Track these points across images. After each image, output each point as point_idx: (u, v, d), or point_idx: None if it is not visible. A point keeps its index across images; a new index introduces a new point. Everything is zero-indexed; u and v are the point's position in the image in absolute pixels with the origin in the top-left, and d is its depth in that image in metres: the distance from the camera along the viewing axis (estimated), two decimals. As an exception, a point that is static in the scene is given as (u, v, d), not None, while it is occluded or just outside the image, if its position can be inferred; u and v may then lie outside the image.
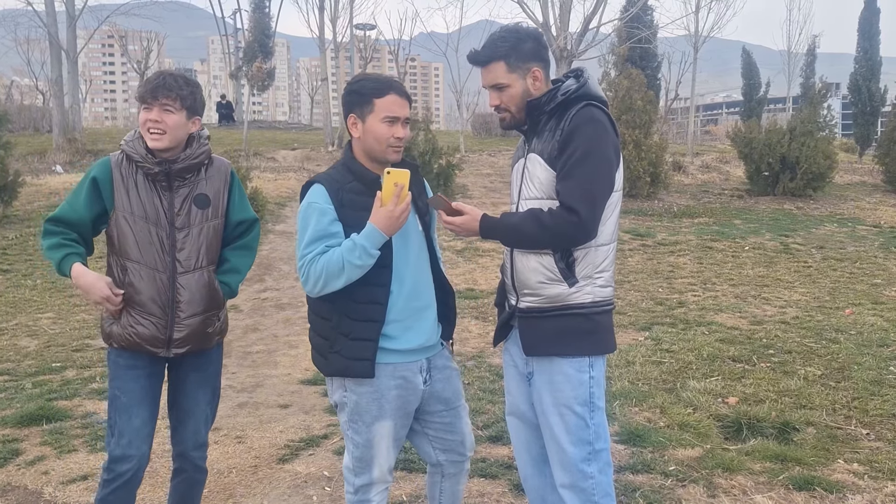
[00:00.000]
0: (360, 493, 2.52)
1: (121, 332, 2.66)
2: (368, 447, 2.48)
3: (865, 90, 25.17)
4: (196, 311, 2.70)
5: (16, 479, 3.84)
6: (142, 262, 2.65)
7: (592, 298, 2.43)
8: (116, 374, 2.71)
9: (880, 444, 4.12)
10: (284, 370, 5.86)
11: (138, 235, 2.66)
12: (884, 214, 15.14)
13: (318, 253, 2.35)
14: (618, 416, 4.46)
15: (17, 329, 7.36)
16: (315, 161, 20.50)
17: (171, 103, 2.62)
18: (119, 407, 2.69)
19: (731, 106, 64.91)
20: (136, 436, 2.69)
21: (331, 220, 2.38)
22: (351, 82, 2.50)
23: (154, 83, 2.63)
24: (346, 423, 2.51)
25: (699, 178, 19.10)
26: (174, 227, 2.69)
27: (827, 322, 6.97)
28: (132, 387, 2.70)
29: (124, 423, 2.68)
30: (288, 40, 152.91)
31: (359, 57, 41.90)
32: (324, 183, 2.42)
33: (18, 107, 27.43)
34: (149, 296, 2.65)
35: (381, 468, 2.51)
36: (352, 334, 2.41)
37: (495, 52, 2.45)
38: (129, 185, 2.67)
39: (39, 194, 14.81)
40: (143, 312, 2.65)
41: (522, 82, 2.46)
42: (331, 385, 2.55)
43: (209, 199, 2.77)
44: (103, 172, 2.68)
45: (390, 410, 2.46)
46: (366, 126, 2.43)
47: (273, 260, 10.51)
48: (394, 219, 2.33)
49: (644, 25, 20.19)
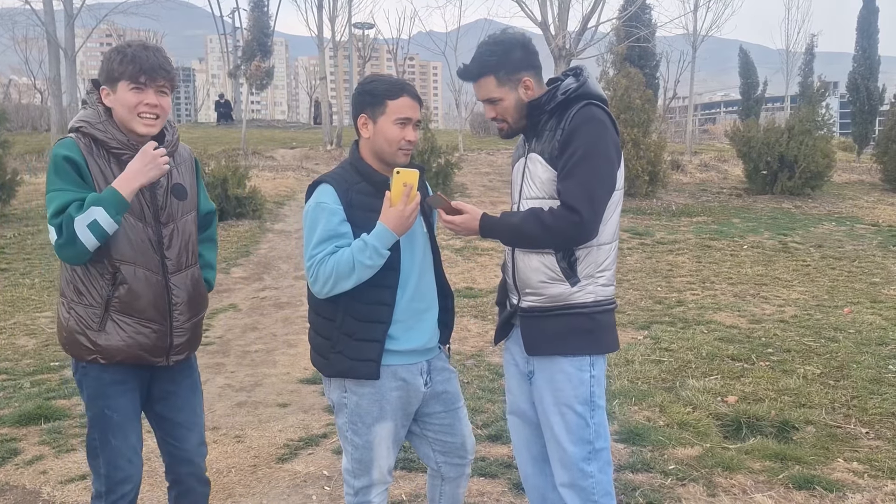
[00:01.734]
0: (360, 494, 2.51)
1: (119, 345, 2.38)
2: (368, 449, 2.45)
3: (864, 89, 25.17)
4: (192, 314, 2.52)
5: (14, 479, 3.83)
6: (137, 262, 2.38)
7: (594, 298, 2.43)
8: (103, 392, 2.43)
9: (880, 442, 4.12)
10: (283, 369, 5.85)
11: (130, 233, 2.37)
12: (882, 213, 15.16)
13: (327, 253, 2.33)
14: (617, 414, 4.46)
15: (16, 328, 7.35)
16: (314, 160, 20.50)
17: (167, 84, 2.39)
18: (112, 427, 2.44)
19: (730, 105, 64.96)
20: (134, 453, 2.50)
21: (340, 221, 2.36)
22: (363, 82, 2.48)
23: (147, 61, 2.33)
24: (345, 425, 2.49)
25: (698, 177, 19.11)
26: (159, 223, 2.44)
27: (826, 321, 6.97)
28: (123, 403, 2.46)
29: (121, 443, 2.45)
30: (286, 39, 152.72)
31: (357, 56, 41.90)
32: (332, 183, 2.40)
33: (16, 105, 27.44)
34: (148, 300, 2.40)
35: (381, 469, 2.49)
36: (356, 335, 2.39)
37: (484, 67, 2.44)
38: (106, 174, 2.34)
39: (37, 193, 14.77)
40: (142, 320, 2.40)
41: (514, 93, 2.45)
42: (328, 385, 2.53)
43: (186, 189, 2.54)
44: (76, 154, 2.32)
45: (391, 412, 2.44)
46: (377, 127, 2.41)
47: (272, 259, 10.50)
48: (404, 218, 2.32)
49: (642, 24, 20.18)
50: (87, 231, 2.23)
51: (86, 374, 2.45)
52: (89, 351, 2.39)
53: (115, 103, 2.38)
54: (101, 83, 2.41)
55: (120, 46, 2.39)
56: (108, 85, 2.39)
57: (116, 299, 2.37)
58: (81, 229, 2.23)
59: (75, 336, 2.40)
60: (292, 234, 12.28)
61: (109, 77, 2.37)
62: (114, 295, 2.37)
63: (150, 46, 2.40)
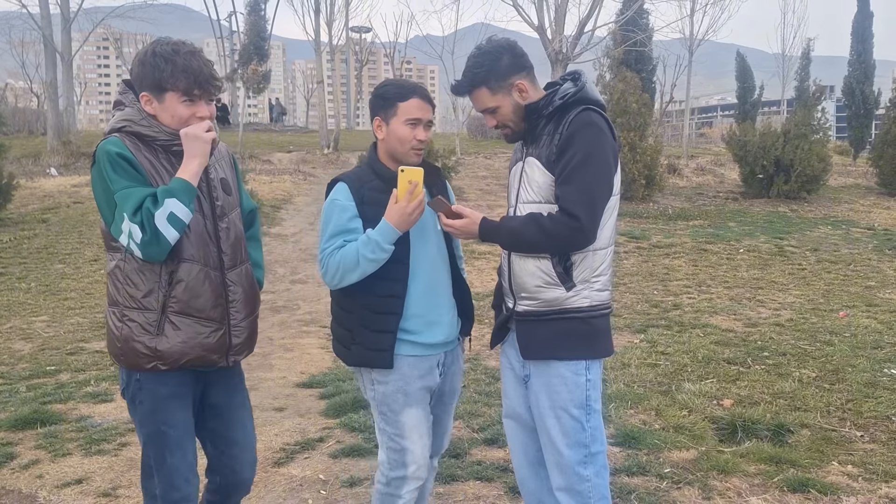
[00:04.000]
0: (392, 485, 2.57)
1: (180, 347, 2.26)
2: (400, 437, 2.55)
3: (859, 93, 25.27)
4: (248, 312, 2.45)
5: (10, 483, 3.82)
6: (195, 258, 2.29)
7: (590, 302, 2.44)
8: (160, 407, 2.31)
9: (874, 445, 4.13)
10: (280, 373, 5.85)
11: (190, 228, 2.27)
12: (878, 217, 15.21)
13: (336, 247, 2.46)
14: (613, 418, 4.47)
15: (12, 332, 7.34)
16: (311, 164, 20.50)
17: (216, 93, 2.33)
18: (169, 443, 2.32)
19: (726, 109, 65.13)
20: (192, 472, 2.38)
21: (350, 217, 2.49)
22: (377, 87, 2.61)
23: (200, 73, 2.24)
24: (378, 418, 2.60)
25: (694, 181, 19.16)
26: (216, 216, 2.37)
27: (821, 324, 6.99)
28: (181, 418, 2.34)
29: (179, 461, 2.33)
30: (283, 43, 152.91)
31: (354, 60, 41.95)
32: (347, 181, 2.54)
33: (13, 109, 27.34)
34: (207, 298, 2.31)
35: (416, 461, 2.55)
36: (372, 326, 2.51)
37: (475, 80, 2.47)
38: (160, 171, 2.26)
39: (34, 197, 14.77)
40: (201, 319, 2.30)
41: (510, 99, 2.47)
42: (361, 382, 2.64)
43: (230, 184, 2.49)
44: (125, 150, 2.21)
45: (416, 399, 2.55)
46: (390, 128, 2.53)
47: (268, 262, 10.50)
48: (406, 215, 2.41)
49: (639, 28, 20.22)
50: (168, 224, 2.16)
51: (140, 388, 2.32)
52: (148, 358, 2.27)
53: (160, 112, 2.28)
54: (142, 89, 2.28)
55: (163, 51, 2.24)
56: (152, 93, 2.27)
57: (174, 299, 2.27)
58: (162, 223, 2.15)
59: (131, 344, 2.27)
60: (289, 238, 12.28)
61: (156, 86, 2.25)
62: (171, 295, 2.27)
63: (197, 53, 2.28)
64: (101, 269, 9.92)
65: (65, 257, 10.85)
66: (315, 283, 9.38)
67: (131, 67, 2.32)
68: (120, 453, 4.17)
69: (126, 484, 3.77)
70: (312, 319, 7.76)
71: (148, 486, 2.42)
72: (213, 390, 2.49)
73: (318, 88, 25.88)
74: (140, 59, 2.28)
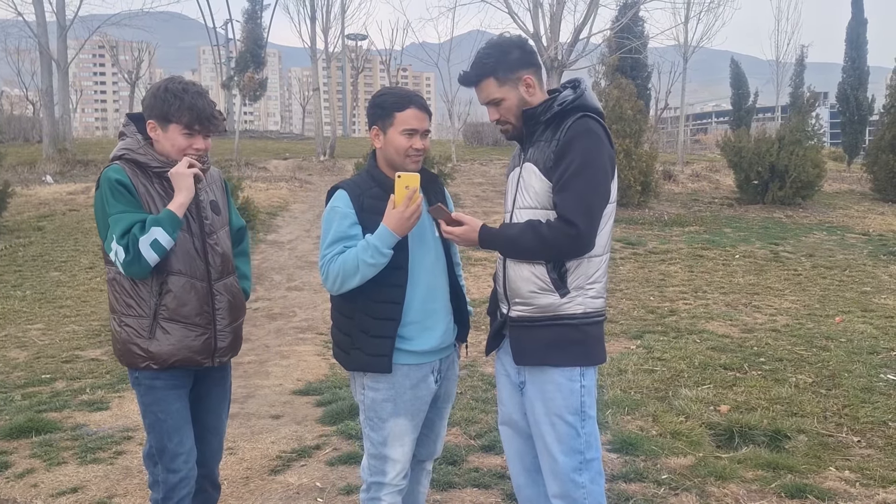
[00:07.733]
0: (371, 490, 2.62)
1: (169, 349, 2.58)
2: (383, 444, 2.58)
3: (853, 99, 25.40)
4: (232, 319, 2.75)
5: (4, 492, 3.80)
6: (184, 272, 2.60)
7: (584, 309, 2.44)
8: (156, 398, 2.64)
9: (871, 451, 4.14)
10: (276, 381, 5.83)
11: (178, 245, 2.59)
12: (872, 222, 15.26)
13: (336, 253, 2.50)
14: (610, 424, 4.46)
15: (7, 340, 7.31)
16: (307, 171, 20.50)
17: (213, 131, 2.63)
18: (167, 431, 2.64)
19: (721, 115, 65.32)
20: (190, 455, 2.68)
21: (350, 224, 2.52)
22: (374, 96, 2.63)
23: (203, 112, 2.56)
24: (364, 422, 2.63)
25: (689, 187, 19.20)
26: (204, 233, 2.68)
27: (817, 330, 7.01)
28: (177, 407, 2.66)
29: (177, 446, 2.64)
30: (279, 50, 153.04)
31: (350, 67, 42.03)
32: (347, 189, 2.58)
33: (8, 117, 27.36)
34: (193, 306, 2.62)
35: (396, 469, 2.59)
36: (371, 331, 2.53)
37: (483, 70, 2.48)
38: (153, 195, 2.59)
39: (29, 205, 14.74)
40: (188, 325, 2.61)
41: (516, 92, 2.48)
42: (353, 385, 2.67)
43: (220, 205, 2.80)
44: (124, 177, 2.54)
45: (405, 409, 2.57)
46: (387, 137, 2.56)
47: (264, 270, 10.48)
48: (404, 220, 2.44)
49: (634, 36, 20.31)
50: (150, 249, 2.48)
51: (139, 382, 2.66)
52: (142, 358, 2.60)
53: (162, 139, 2.61)
54: (150, 117, 2.60)
55: (174, 88, 2.57)
56: (158, 121, 2.60)
57: (164, 307, 2.59)
58: (145, 248, 2.47)
59: (128, 346, 2.61)
60: (285, 244, 12.27)
61: (162, 116, 2.58)
62: (161, 303, 2.59)
63: (203, 94, 2.61)
64: (97, 277, 9.90)
65: (60, 265, 10.82)
66: (311, 291, 9.37)
67: (144, 97, 2.67)
68: (115, 462, 4.16)
69: (122, 493, 3.75)
70: (309, 326, 7.74)
71: (153, 473, 2.72)
72: (200, 384, 2.80)
73: (315, 96, 25.90)
74: (153, 92, 2.61)
